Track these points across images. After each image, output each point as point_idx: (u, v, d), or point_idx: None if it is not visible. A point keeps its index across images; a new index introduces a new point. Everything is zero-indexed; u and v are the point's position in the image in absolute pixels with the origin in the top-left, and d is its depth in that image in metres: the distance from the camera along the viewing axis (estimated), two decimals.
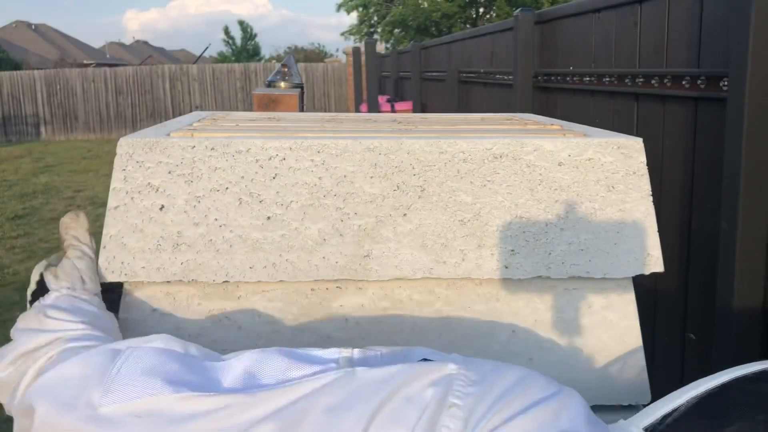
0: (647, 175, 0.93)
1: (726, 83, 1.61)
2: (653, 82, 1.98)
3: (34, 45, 30.14)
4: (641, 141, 0.94)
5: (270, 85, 5.26)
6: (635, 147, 0.93)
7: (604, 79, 2.33)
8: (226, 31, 30.21)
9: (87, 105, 13.97)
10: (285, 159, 0.89)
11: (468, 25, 16.94)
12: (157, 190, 0.88)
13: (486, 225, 0.90)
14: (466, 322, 0.92)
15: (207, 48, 26.38)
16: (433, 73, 5.89)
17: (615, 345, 0.93)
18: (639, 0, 2.10)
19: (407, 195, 0.90)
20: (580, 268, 0.91)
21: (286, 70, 5.35)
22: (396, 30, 18.15)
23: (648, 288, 2.03)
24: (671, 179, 1.94)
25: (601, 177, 0.92)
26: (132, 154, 0.89)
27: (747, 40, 1.46)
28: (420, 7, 17.35)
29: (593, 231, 0.91)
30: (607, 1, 2.31)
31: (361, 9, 19.74)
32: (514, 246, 0.90)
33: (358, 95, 10.86)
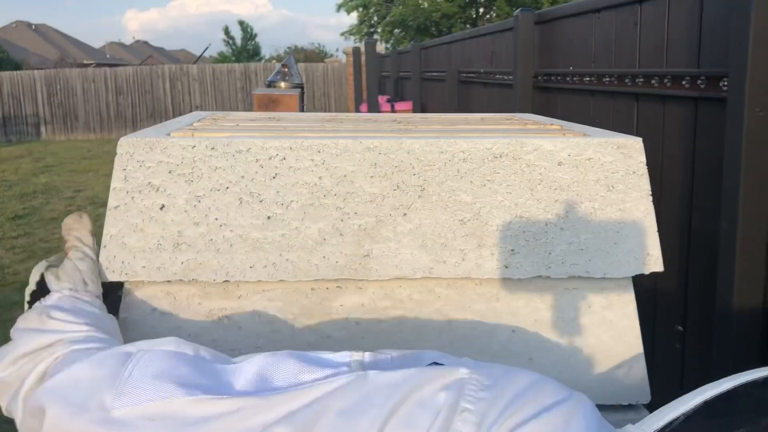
0: (647, 175, 0.93)
1: (726, 83, 1.61)
2: (653, 82, 1.98)
3: (34, 45, 30.14)
4: (641, 141, 0.94)
5: (270, 85, 5.27)
6: (635, 147, 0.93)
7: (604, 79, 2.33)
8: (226, 31, 30.22)
9: (87, 105, 13.97)
10: (285, 159, 0.89)
11: (468, 25, 16.93)
12: (158, 189, 0.88)
13: (486, 225, 0.90)
14: (466, 321, 0.92)
15: (207, 48, 26.42)
16: (433, 73, 5.89)
17: (615, 345, 0.93)
18: (639, 0, 2.10)
19: (407, 195, 0.90)
20: (580, 267, 0.91)
21: (286, 70, 5.35)
22: (396, 30, 18.16)
23: (648, 288, 2.03)
24: (671, 179, 1.94)
25: (601, 177, 0.92)
26: (132, 153, 0.89)
27: (747, 40, 1.46)
28: (420, 8, 17.35)
29: (593, 231, 0.91)
30: (607, 1, 2.31)
31: (361, 9, 19.74)
32: (514, 246, 0.90)
33: (358, 95, 10.86)
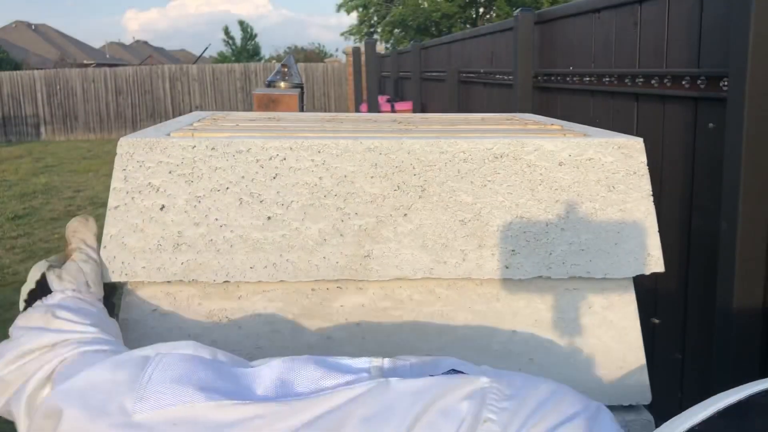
0: (648, 175, 0.93)
1: (726, 83, 1.61)
2: (653, 82, 1.98)
3: (34, 45, 30.14)
4: (642, 141, 0.94)
5: (270, 85, 5.27)
6: (636, 147, 0.93)
7: (604, 79, 2.33)
8: (226, 31, 30.24)
9: (87, 105, 13.97)
10: (285, 159, 0.89)
11: (468, 25, 16.94)
12: (158, 190, 0.88)
13: (486, 225, 0.90)
14: (466, 322, 0.92)
15: (207, 48, 26.41)
16: (433, 73, 5.89)
17: (615, 345, 0.93)
18: (639, 0, 2.10)
19: (408, 195, 0.90)
20: (580, 268, 0.91)
21: (286, 70, 5.36)
22: (396, 30, 18.16)
23: (648, 288, 2.03)
24: (671, 179, 1.94)
25: (602, 177, 0.92)
26: (132, 154, 0.89)
27: (747, 40, 1.46)
28: (420, 7, 17.36)
29: (594, 231, 0.91)
30: (607, 1, 2.31)
31: (361, 9, 19.75)
32: (514, 246, 0.90)
33: (358, 95, 10.86)
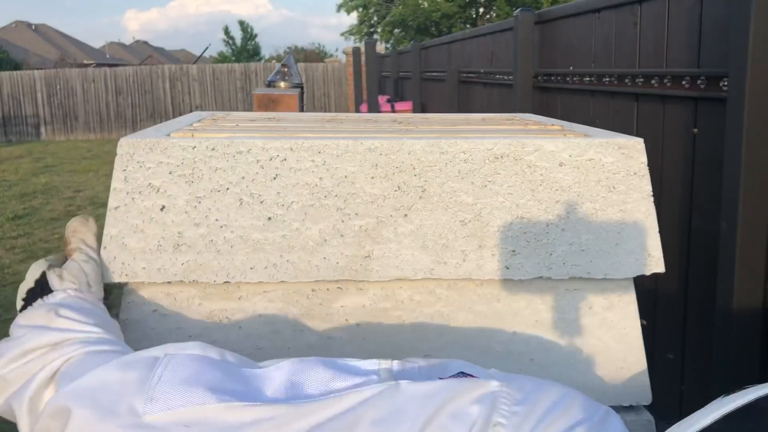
0: (648, 176, 0.93)
1: (726, 83, 1.61)
2: (653, 82, 1.98)
3: (34, 45, 30.14)
4: (642, 141, 0.94)
5: (270, 85, 5.28)
6: (636, 147, 0.93)
7: (604, 79, 2.33)
8: (226, 31, 30.25)
9: (87, 105, 13.97)
10: (286, 159, 0.89)
11: (468, 25, 16.94)
12: (158, 190, 0.88)
13: (487, 225, 0.90)
14: (467, 322, 0.92)
15: (207, 48, 26.43)
16: (433, 73, 5.89)
17: (616, 345, 0.93)
18: (639, 0, 2.10)
19: (408, 195, 0.90)
20: (581, 268, 0.91)
21: (286, 70, 5.36)
22: (396, 30, 18.16)
23: (648, 288, 2.03)
24: (671, 179, 1.94)
25: (602, 177, 0.92)
26: (132, 154, 0.89)
27: (747, 40, 1.46)
28: (420, 7, 17.36)
29: (594, 231, 0.91)
30: (607, 1, 2.31)
31: (361, 9, 19.75)
32: (515, 246, 0.90)
33: (358, 95, 10.86)
